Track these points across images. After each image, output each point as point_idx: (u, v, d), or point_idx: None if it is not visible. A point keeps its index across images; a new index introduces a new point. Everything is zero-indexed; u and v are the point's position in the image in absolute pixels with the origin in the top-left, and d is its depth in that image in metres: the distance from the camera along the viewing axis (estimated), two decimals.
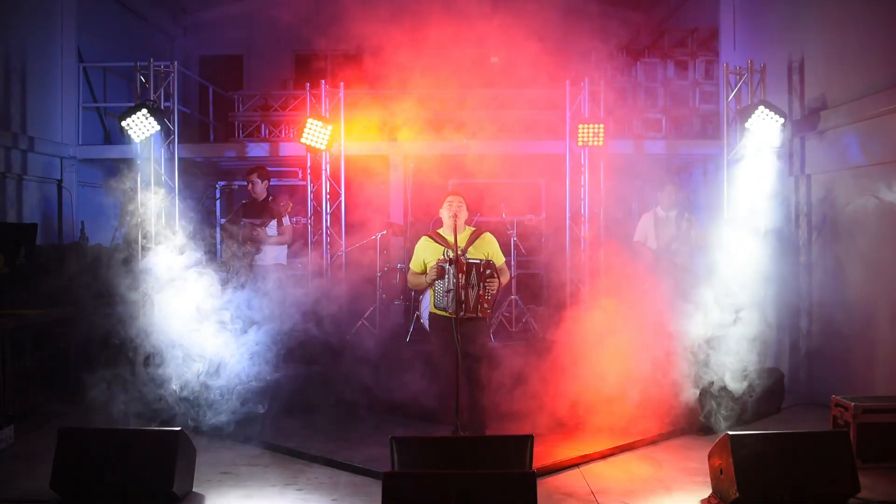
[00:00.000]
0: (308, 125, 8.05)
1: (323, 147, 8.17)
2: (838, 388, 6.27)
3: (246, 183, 7.82)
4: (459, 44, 7.62)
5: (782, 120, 6.90)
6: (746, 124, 7.05)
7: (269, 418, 6.48)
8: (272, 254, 7.61)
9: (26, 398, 6.40)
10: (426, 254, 5.51)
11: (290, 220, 7.82)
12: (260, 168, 7.82)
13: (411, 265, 5.63)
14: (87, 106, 9.57)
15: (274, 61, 13.28)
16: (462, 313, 5.14)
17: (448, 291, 5.19)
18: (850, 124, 6.83)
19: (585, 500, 4.85)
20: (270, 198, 7.73)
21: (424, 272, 5.48)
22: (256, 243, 7.49)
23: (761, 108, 6.89)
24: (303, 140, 8.09)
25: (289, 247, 7.93)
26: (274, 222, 7.56)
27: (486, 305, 5.26)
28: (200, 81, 11.42)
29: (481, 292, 5.21)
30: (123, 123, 6.84)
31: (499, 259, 5.48)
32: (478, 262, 5.22)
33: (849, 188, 6.96)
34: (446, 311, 5.24)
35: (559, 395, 6.98)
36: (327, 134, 8.09)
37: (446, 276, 5.20)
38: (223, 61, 13.42)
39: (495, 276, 5.26)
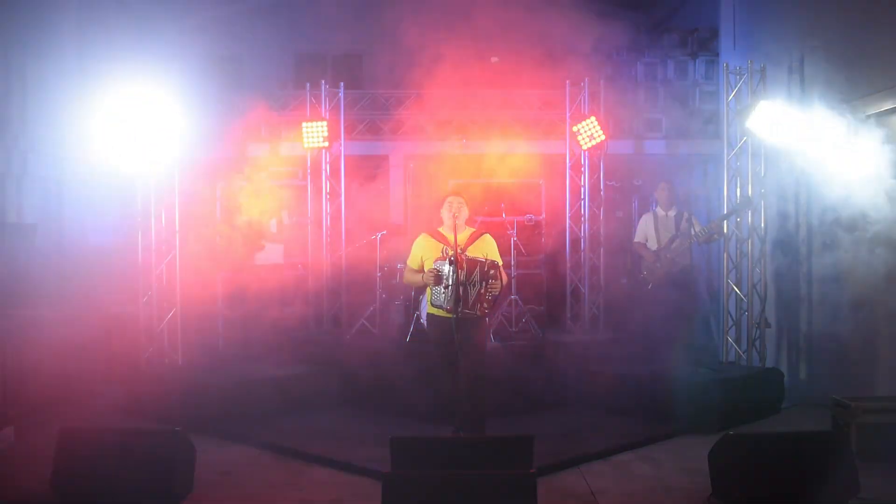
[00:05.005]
0: (305, 128, 8.13)
1: (325, 145, 8.20)
2: (838, 388, 6.27)
3: (246, 182, 7.83)
4: (459, 43, 7.62)
5: (782, 120, 6.90)
6: (747, 124, 7.04)
7: (270, 418, 6.48)
8: (271, 254, 7.61)
9: (26, 398, 6.39)
10: (424, 251, 5.48)
11: (288, 219, 7.83)
12: (262, 167, 7.84)
13: (408, 262, 5.61)
14: (87, 105, 9.56)
15: (274, 61, 13.28)
16: (459, 309, 5.13)
17: (446, 287, 5.18)
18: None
19: (585, 500, 4.84)
20: (269, 196, 7.74)
21: (421, 270, 5.47)
22: (257, 239, 7.48)
23: (762, 107, 6.89)
24: (305, 146, 8.15)
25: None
26: (274, 221, 7.56)
27: (485, 304, 5.24)
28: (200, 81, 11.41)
29: (482, 290, 5.19)
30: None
31: (497, 262, 5.47)
32: (482, 260, 5.21)
33: (849, 187, 6.95)
34: (443, 309, 5.23)
35: (557, 394, 6.99)
36: (324, 131, 8.12)
37: (444, 275, 5.19)
38: (224, 61, 13.41)
39: (498, 276, 5.25)
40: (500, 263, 5.52)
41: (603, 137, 8.03)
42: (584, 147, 8.17)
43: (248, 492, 4.99)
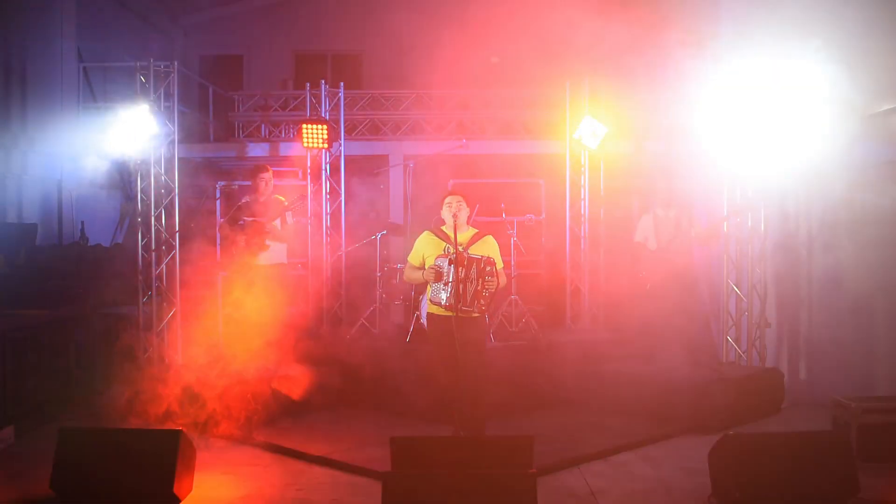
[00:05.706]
0: (305, 129, 8.12)
1: (325, 146, 8.19)
2: (838, 388, 6.27)
3: (251, 182, 7.79)
4: (459, 43, 7.63)
5: (782, 119, 6.90)
6: (746, 123, 7.04)
7: (269, 418, 6.48)
8: (275, 253, 7.59)
9: (26, 398, 6.39)
10: (427, 248, 5.49)
11: (293, 219, 7.81)
12: (268, 167, 7.81)
13: (409, 258, 5.61)
14: (87, 106, 9.57)
15: (274, 61, 13.30)
16: (459, 305, 5.13)
17: (446, 285, 5.19)
18: None
19: (585, 500, 4.84)
20: (274, 196, 7.71)
21: (421, 267, 5.47)
22: (263, 238, 7.44)
23: (761, 107, 6.89)
24: (305, 145, 8.14)
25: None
26: (278, 220, 7.53)
27: (482, 302, 5.25)
28: (200, 81, 11.42)
29: (479, 288, 5.20)
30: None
31: (498, 263, 5.47)
32: (479, 257, 5.22)
33: (849, 188, 6.95)
34: (441, 305, 5.24)
35: (557, 394, 6.99)
36: (324, 133, 8.11)
37: (445, 273, 5.20)
38: (223, 61, 13.44)
39: (494, 274, 5.26)
40: (502, 265, 5.52)
41: (606, 129, 8.00)
42: (594, 147, 8.14)
43: (248, 492, 4.99)
